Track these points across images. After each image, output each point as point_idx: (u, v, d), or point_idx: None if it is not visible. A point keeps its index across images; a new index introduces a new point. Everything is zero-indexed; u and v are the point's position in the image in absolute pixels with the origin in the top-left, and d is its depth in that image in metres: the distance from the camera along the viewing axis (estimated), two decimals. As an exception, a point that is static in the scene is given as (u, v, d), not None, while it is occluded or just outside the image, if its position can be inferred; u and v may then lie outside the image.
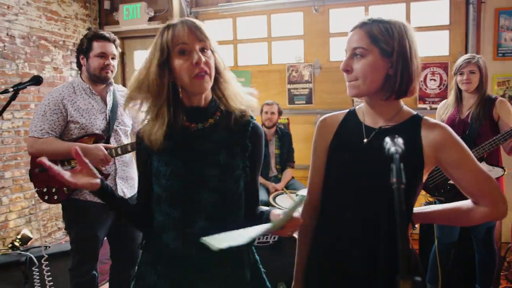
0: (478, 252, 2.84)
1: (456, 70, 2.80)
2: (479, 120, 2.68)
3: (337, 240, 1.30)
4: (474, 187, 1.24)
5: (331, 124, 1.38)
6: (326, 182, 1.35)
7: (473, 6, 4.05)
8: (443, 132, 1.22)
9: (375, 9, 4.45)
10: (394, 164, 0.83)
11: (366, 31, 1.20)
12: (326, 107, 4.66)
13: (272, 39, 4.86)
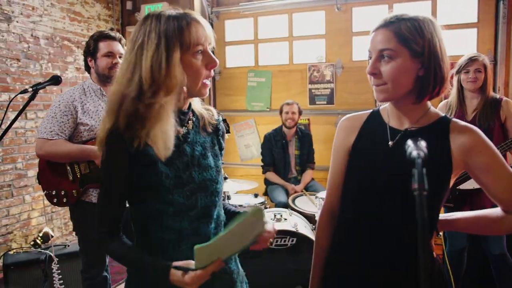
0: (494, 265, 2.71)
1: (460, 68, 2.70)
2: (487, 121, 2.58)
3: (356, 246, 1.24)
4: (506, 194, 1.17)
5: (353, 124, 1.31)
6: (346, 185, 1.30)
7: (503, 2, 3.89)
8: (474, 135, 1.16)
9: (399, 7, 4.33)
10: (416, 169, 0.77)
11: (394, 31, 1.13)
12: (347, 107, 4.57)
13: (293, 38, 4.80)
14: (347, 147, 1.30)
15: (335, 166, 1.34)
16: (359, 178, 1.25)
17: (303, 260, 2.72)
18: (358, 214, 1.24)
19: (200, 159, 1.20)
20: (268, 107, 4.92)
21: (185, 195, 1.16)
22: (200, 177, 1.19)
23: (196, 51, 1.12)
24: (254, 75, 4.97)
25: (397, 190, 1.15)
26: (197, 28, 1.12)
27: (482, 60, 2.65)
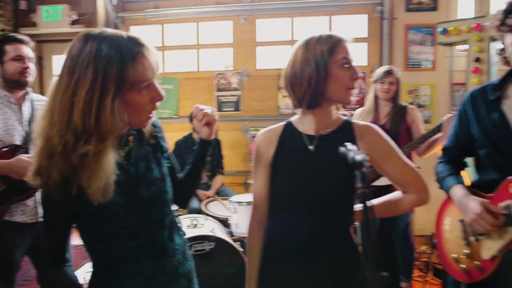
0: (399, 247, 3.11)
1: (377, 78, 3.06)
2: (396, 126, 2.96)
3: (289, 245, 1.36)
4: (403, 177, 1.39)
5: (270, 137, 1.44)
6: (273, 192, 1.42)
7: (387, 22, 4.42)
8: (373, 131, 1.37)
9: (299, 20, 4.67)
10: (360, 171, 0.91)
11: None
12: (254, 114, 4.78)
13: (200, 46, 4.88)
14: (268, 159, 1.42)
15: (259, 178, 1.45)
16: (284, 184, 1.38)
17: (217, 267, 2.83)
18: (287, 216, 1.37)
19: (145, 174, 1.19)
20: (176, 114, 4.92)
21: (138, 215, 1.16)
22: (149, 193, 1.18)
23: (142, 87, 1.04)
24: (162, 82, 4.94)
25: (322, 188, 1.31)
26: (143, 63, 1.03)
27: (396, 74, 3.03)
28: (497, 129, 1.49)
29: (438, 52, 4.46)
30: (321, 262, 1.33)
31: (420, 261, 3.87)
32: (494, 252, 1.43)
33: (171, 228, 1.28)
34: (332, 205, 1.32)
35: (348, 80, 1.31)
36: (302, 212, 1.34)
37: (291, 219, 1.36)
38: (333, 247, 1.33)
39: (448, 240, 1.62)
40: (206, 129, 1.40)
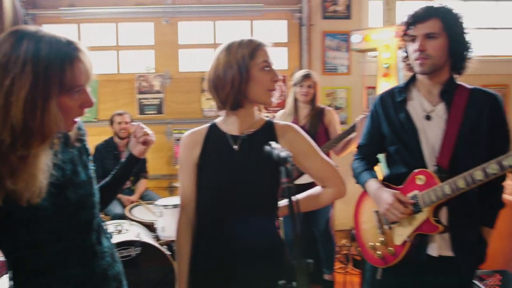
0: (320, 241, 3.28)
1: (296, 82, 3.20)
2: (315, 127, 3.12)
3: (217, 243, 1.40)
4: (322, 172, 1.50)
5: (196, 139, 1.48)
6: (200, 192, 1.45)
7: (305, 28, 4.63)
8: (293, 130, 1.47)
9: (222, 24, 4.73)
10: (285, 167, 0.97)
11: None
12: (177, 116, 4.74)
13: (120, 47, 4.73)
14: (194, 160, 1.46)
15: (186, 178, 1.48)
16: (210, 183, 1.42)
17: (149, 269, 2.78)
18: (214, 214, 1.42)
19: (72, 177, 1.17)
20: (96, 118, 4.73)
21: (65, 218, 1.13)
22: (77, 196, 1.16)
23: (75, 92, 1.04)
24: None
25: (247, 186, 1.37)
26: (79, 68, 1.03)
27: (313, 77, 3.17)
28: (404, 127, 1.65)
29: (352, 58, 4.76)
30: (249, 258, 1.38)
31: (341, 254, 4.12)
32: (405, 237, 1.58)
33: (99, 231, 1.26)
34: (257, 202, 1.39)
35: (269, 82, 1.38)
36: (229, 210, 1.39)
37: (218, 217, 1.41)
38: (260, 242, 1.38)
39: (365, 231, 1.77)
40: (141, 147, 1.41)
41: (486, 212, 1.66)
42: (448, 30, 1.57)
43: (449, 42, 1.57)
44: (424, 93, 1.67)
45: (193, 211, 1.48)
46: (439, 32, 1.57)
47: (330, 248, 3.33)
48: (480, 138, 1.57)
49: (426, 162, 1.60)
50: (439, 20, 1.57)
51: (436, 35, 1.57)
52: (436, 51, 1.57)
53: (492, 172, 1.40)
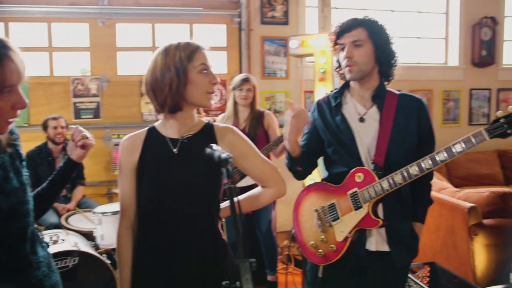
0: (263, 243, 3.34)
1: (235, 86, 3.25)
2: (255, 130, 3.19)
3: (162, 244, 1.40)
4: (261, 173, 1.55)
5: (135, 142, 1.47)
6: (140, 197, 1.45)
7: (244, 32, 4.70)
8: (232, 132, 1.50)
9: (161, 27, 4.68)
10: (226, 168, 1.00)
11: None
12: (115, 121, 4.62)
13: (53, 49, 4.52)
14: (133, 164, 1.45)
15: (125, 183, 1.47)
16: (150, 187, 1.42)
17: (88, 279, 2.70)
18: (155, 218, 1.42)
19: (3, 184, 1.12)
20: (26, 123, 4.47)
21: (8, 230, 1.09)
22: (8, 204, 1.12)
23: (5, 92, 1.02)
24: None
25: (188, 189, 1.39)
26: (10, 67, 1.01)
27: (252, 81, 3.22)
28: (340, 129, 1.75)
29: (290, 63, 4.91)
30: (192, 260, 1.39)
31: (283, 254, 4.21)
32: (346, 233, 1.67)
33: (33, 240, 1.23)
34: (198, 204, 1.41)
35: (207, 85, 1.40)
36: (170, 213, 1.40)
37: (160, 221, 1.41)
38: (203, 244, 1.41)
39: (306, 230, 1.84)
40: (80, 152, 1.39)
41: (417, 208, 1.79)
42: (373, 38, 1.69)
43: (374, 49, 1.70)
44: (357, 98, 1.78)
45: (133, 216, 1.47)
46: (365, 39, 1.69)
47: (272, 249, 3.39)
48: (410, 138, 1.70)
49: (363, 161, 1.70)
50: (364, 29, 1.69)
51: (362, 43, 1.68)
52: (363, 57, 1.69)
53: (426, 167, 1.54)
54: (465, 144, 1.46)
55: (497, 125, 1.40)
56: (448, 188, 3.51)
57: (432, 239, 3.42)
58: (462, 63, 5.62)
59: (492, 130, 1.41)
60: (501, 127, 1.39)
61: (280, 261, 4.06)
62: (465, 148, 1.46)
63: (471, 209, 2.94)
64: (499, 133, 1.39)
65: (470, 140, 1.45)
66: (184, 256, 1.40)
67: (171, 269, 1.40)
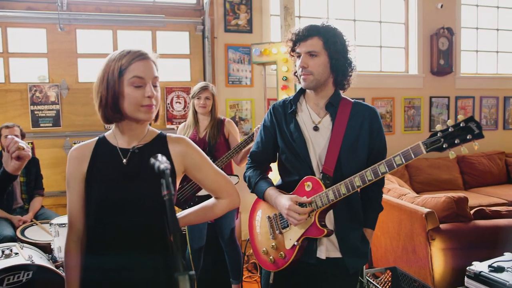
0: (226, 251, 3.31)
1: (194, 94, 3.23)
2: (215, 138, 3.17)
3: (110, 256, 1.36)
4: (215, 184, 1.53)
5: (83, 153, 1.43)
6: (88, 208, 1.40)
7: (208, 40, 4.69)
8: (185, 143, 1.48)
9: (123, 33, 4.61)
10: (164, 179, 0.98)
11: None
12: (76, 129, 4.51)
13: (9, 54, 4.37)
14: (81, 174, 1.41)
15: (73, 194, 1.42)
16: (99, 198, 1.38)
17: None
18: (104, 230, 1.37)
19: None
20: (-20, 131, 4.30)
21: None
22: None
23: None
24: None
25: (136, 200, 1.35)
26: None
27: (211, 89, 3.20)
28: (293, 137, 1.75)
29: (254, 70, 4.92)
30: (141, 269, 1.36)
31: (250, 263, 4.19)
32: (294, 241, 1.67)
33: None
34: (147, 215, 1.36)
35: (140, 98, 1.34)
36: (120, 224, 1.36)
37: (109, 232, 1.37)
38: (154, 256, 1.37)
39: (258, 236, 1.83)
40: (15, 163, 1.34)
41: (367, 215, 1.81)
42: (328, 48, 1.68)
43: (329, 59, 1.69)
44: (312, 105, 1.79)
45: (82, 227, 1.42)
46: (319, 50, 1.68)
47: (236, 258, 3.36)
48: (360, 147, 1.71)
49: (314, 170, 1.71)
50: (320, 38, 1.68)
51: (317, 53, 1.68)
52: (317, 67, 1.69)
53: (368, 178, 1.54)
54: (404, 157, 1.46)
55: (435, 139, 1.40)
56: (408, 194, 3.58)
57: (393, 245, 3.48)
58: (421, 72, 5.79)
59: (429, 144, 1.41)
60: (438, 141, 1.39)
61: (246, 269, 4.03)
62: (404, 161, 1.46)
63: (428, 214, 3.01)
64: (435, 147, 1.40)
65: (409, 153, 1.45)
66: (132, 265, 1.35)
67: (120, 283, 1.36)
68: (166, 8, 4.71)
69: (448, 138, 1.36)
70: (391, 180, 4.28)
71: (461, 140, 1.33)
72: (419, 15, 5.72)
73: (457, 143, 1.33)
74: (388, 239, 3.56)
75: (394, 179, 4.50)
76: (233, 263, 3.37)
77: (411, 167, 5.46)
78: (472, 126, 1.31)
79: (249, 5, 4.89)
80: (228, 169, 3.26)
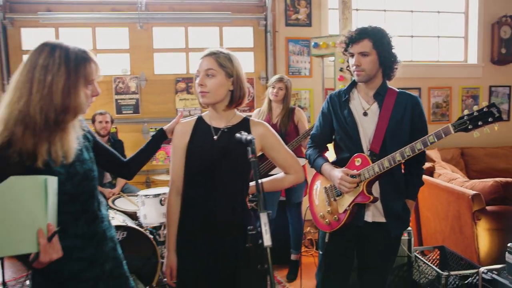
0: (291, 223, 3.72)
1: (269, 84, 3.67)
2: (285, 125, 3.56)
3: (201, 214, 1.77)
4: (285, 162, 1.90)
5: (186, 129, 1.86)
6: (187, 172, 1.83)
7: (270, 34, 5.07)
8: (264, 126, 1.86)
9: (194, 30, 5.10)
10: (250, 146, 1.37)
11: (214, 58, 1.74)
12: (152, 116, 5.07)
13: (97, 51, 4.99)
14: (184, 145, 1.83)
15: (176, 160, 1.84)
16: (196, 164, 1.80)
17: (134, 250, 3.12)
18: (197, 188, 1.79)
19: (78, 154, 1.52)
20: (74, 117, 4.97)
21: (75, 185, 1.49)
22: (82, 169, 1.52)
23: (90, 83, 1.52)
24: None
25: (223, 169, 1.76)
26: (91, 67, 1.49)
27: (285, 81, 3.62)
28: (347, 121, 2.09)
29: (313, 62, 5.24)
30: (225, 224, 1.76)
31: (306, 239, 4.58)
32: (346, 207, 2.03)
33: (98, 200, 1.63)
34: (231, 181, 1.77)
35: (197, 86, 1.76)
36: (209, 187, 1.77)
37: (201, 192, 1.79)
38: (233, 213, 1.77)
39: (317, 203, 2.20)
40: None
41: (410, 188, 2.12)
42: (377, 48, 2.00)
43: (378, 57, 2.01)
44: (362, 95, 2.12)
45: (181, 186, 1.84)
46: (369, 50, 2.00)
47: (299, 231, 3.78)
48: (403, 130, 2.03)
49: (363, 148, 2.05)
50: (370, 40, 2.00)
51: (368, 53, 2.01)
52: (368, 65, 2.01)
53: (407, 154, 1.86)
54: (436, 136, 1.78)
55: (462, 121, 1.72)
56: (458, 178, 3.78)
57: (442, 225, 3.71)
58: (481, 61, 5.80)
59: (457, 125, 1.73)
60: (464, 123, 1.71)
61: (303, 245, 4.42)
62: (436, 139, 1.78)
63: (475, 196, 3.22)
64: (462, 128, 1.71)
65: (440, 133, 1.77)
66: (217, 219, 1.75)
67: (207, 229, 1.76)
68: (232, 5, 5.13)
69: (473, 121, 1.66)
70: (444, 167, 4.45)
71: (483, 122, 1.63)
72: (480, 4, 5.72)
73: (480, 124, 1.63)
74: (437, 220, 3.78)
75: (448, 166, 4.66)
76: (295, 235, 3.78)
77: (467, 155, 5.51)
78: (493, 110, 1.60)
79: (308, 0, 5.19)
80: (298, 151, 3.59)
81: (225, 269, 1.75)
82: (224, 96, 1.76)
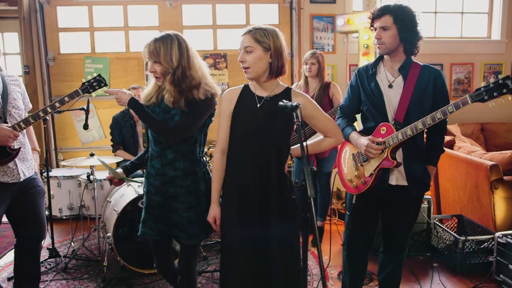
0: (320, 191, 3.96)
1: (303, 61, 3.85)
2: (320, 98, 3.75)
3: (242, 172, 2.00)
4: (325, 127, 2.10)
5: (233, 95, 2.06)
6: (231, 135, 2.04)
7: (295, 11, 5.20)
8: (305, 97, 2.04)
9: (221, 7, 5.26)
10: (295, 112, 1.58)
11: (252, 35, 1.92)
12: (181, 91, 5.28)
13: (129, 28, 5.23)
14: (230, 110, 2.03)
15: (223, 123, 2.05)
16: (240, 129, 2.01)
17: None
18: (241, 150, 2.01)
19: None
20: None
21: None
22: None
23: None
24: (91, 61, 5.23)
25: (265, 134, 1.95)
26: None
27: (317, 56, 3.79)
28: (373, 92, 2.27)
29: (337, 38, 5.36)
30: (266, 185, 1.97)
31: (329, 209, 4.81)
32: (372, 171, 2.23)
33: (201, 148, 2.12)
34: (273, 145, 1.97)
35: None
36: (251, 149, 1.98)
37: (244, 154, 2.00)
38: (273, 174, 1.98)
39: (345, 168, 2.41)
40: None
41: (431, 155, 2.31)
42: (397, 23, 2.16)
43: (398, 32, 2.17)
44: (388, 68, 2.29)
45: (226, 147, 2.06)
46: (390, 25, 2.17)
47: (326, 199, 4.02)
48: (425, 101, 2.19)
49: (388, 118, 2.23)
50: (391, 16, 2.17)
51: (388, 27, 2.17)
52: (388, 38, 2.18)
53: (428, 122, 2.04)
54: (455, 106, 1.95)
55: (478, 92, 1.89)
56: (477, 151, 3.93)
57: (460, 195, 3.88)
58: (504, 37, 5.82)
59: (474, 96, 1.90)
60: (480, 94, 1.88)
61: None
62: (454, 109, 1.95)
63: (493, 166, 3.38)
64: (479, 99, 1.88)
65: (458, 103, 1.94)
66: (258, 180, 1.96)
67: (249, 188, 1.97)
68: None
69: (489, 92, 1.83)
70: (464, 141, 4.59)
71: (498, 93, 1.80)
72: (505, -21, 5.71)
73: (496, 95, 1.81)
74: (455, 190, 3.96)
75: (468, 140, 4.79)
76: (323, 204, 4.02)
77: (487, 130, 5.60)
78: (508, 82, 1.77)
79: (333, -23, 5.28)
80: None
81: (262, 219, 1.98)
82: (265, 69, 1.95)
